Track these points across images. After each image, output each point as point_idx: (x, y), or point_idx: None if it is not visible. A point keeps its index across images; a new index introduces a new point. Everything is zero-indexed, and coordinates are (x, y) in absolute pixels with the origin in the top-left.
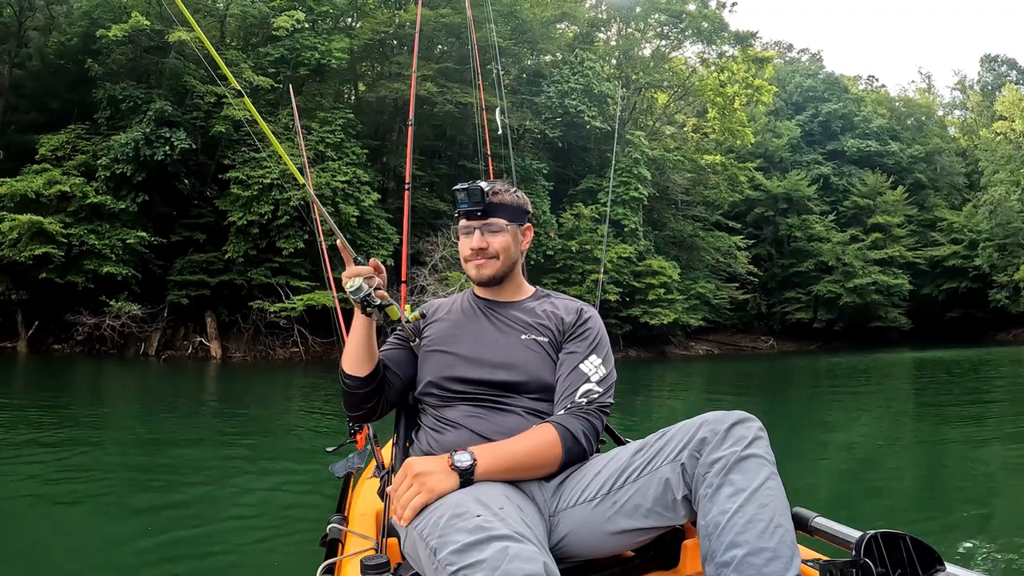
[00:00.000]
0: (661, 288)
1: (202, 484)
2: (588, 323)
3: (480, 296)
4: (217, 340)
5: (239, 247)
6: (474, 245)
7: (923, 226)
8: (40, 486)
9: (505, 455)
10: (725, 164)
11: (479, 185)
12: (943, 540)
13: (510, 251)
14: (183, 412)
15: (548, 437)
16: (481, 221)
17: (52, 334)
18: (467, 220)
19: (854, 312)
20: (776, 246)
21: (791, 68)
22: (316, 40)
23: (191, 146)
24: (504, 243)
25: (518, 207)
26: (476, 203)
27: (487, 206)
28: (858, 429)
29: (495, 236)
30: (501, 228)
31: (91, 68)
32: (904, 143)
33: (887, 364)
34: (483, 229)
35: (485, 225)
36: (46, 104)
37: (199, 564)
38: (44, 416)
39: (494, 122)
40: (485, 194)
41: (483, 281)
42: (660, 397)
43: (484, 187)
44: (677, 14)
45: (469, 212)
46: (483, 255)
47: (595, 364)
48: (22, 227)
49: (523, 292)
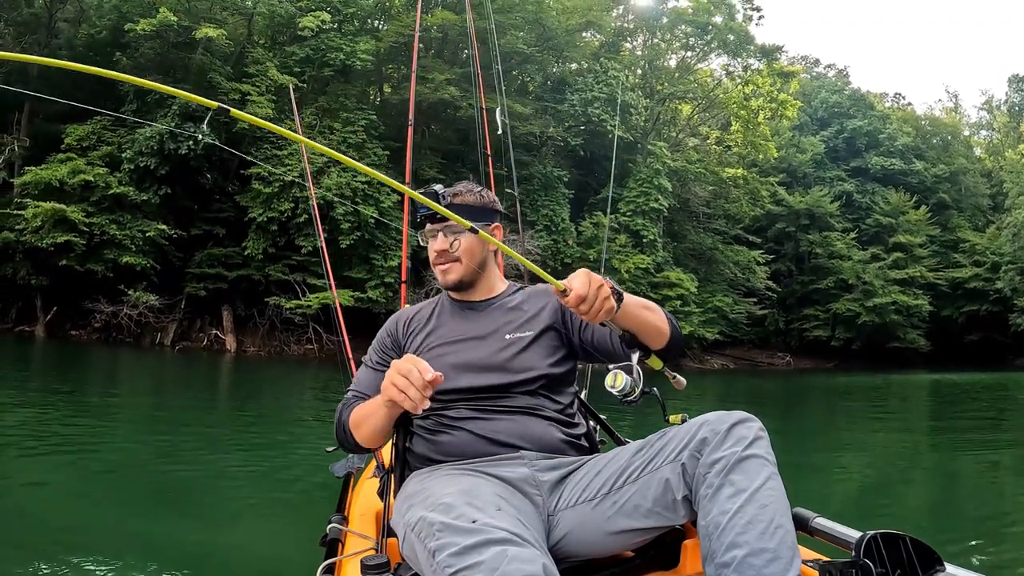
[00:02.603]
0: (678, 300)
1: (202, 483)
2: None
3: (456, 299)
4: (232, 333)
5: (258, 243)
6: (437, 247)
7: (945, 247)
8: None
9: (640, 300)
10: (747, 178)
11: (434, 188)
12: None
13: (474, 251)
14: (190, 404)
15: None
16: (442, 223)
17: (70, 320)
18: (430, 224)
19: (873, 331)
20: (796, 262)
21: (817, 83)
22: (342, 41)
23: (214, 141)
24: (467, 244)
25: (482, 207)
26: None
27: (446, 208)
28: (869, 451)
29: (457, 238)
30: (463, 229)
31: (119, 61)
32: (929, 162)
33: (904, 386)
34: (445, 231)
35: (447, 227)
36: (74, 94)
37: (199, 564)
38: (50, 398)
39: (494, 122)
40: (442, 196)
41: (450, 286)
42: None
43: (439, 189)
44: (703, 26)
45: (430, 215)
46: (447, 257)
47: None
48: (45, 214)
49: (497, 289)
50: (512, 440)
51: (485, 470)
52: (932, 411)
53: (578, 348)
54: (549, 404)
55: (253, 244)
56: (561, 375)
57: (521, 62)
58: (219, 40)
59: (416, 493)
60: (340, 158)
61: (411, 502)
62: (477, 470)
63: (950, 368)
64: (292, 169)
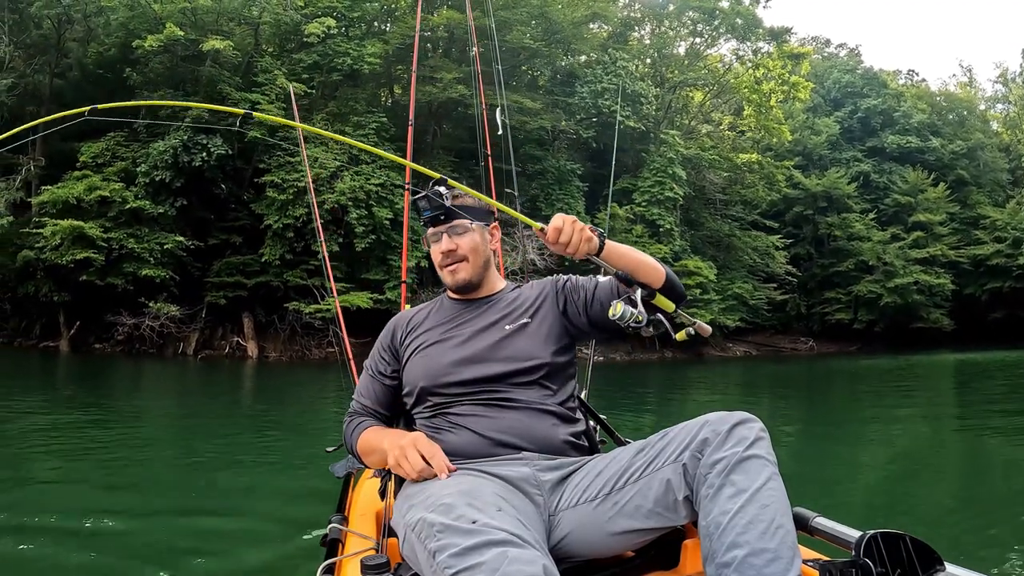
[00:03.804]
0: (697, 288)
1: (202, 482)
2: (569, 279)
3: (456, 298)
4: (254, 340)
5: (275, 250)
6: (443, 248)
7: (965, 224)
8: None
9: (627, 246)
10: (762, 163)
11: (437, 189)
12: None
13: (479, 250)
14: (207, 409)
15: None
16: (446, 224)
17: (93, 334)
18: (433, 226)
19: (895, 313)
20: (816, 245)
21: (829, 63)
22: (349, 46)
23: (227, 152)
24: (472, 243)
25: (481, 207)
26: (437, 207)
27: (449, 209)
28: (893, 439)
29: (462, 237)
30: (467, 228)
31: (129, 77)
32: (945, 139)
33: (927, 367)
34: (449, 232)
35: (451, 228)
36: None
37: (198, 564)
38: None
39: (494, 121)
40: (444, 197)
41: (459, 287)
42: (695, 399)
43: (443, 190)
44: (710, 11)
45: (433, 218)
46: (453, 257)
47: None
48: (64, 231)
49: (497, 288)
50: (514, 440)
51: (486, 470)
52: (955, 394)
53: (586, 327)
54: (552, 398)
55: (270, 251)
56: (562, 365)
57: (529, 57)
58: (226, 51)
59: (416, 493)
60: (338, 137)
61: (411, 502)
62: (478, 470)
63: (974, 347)
64: (304, 175)
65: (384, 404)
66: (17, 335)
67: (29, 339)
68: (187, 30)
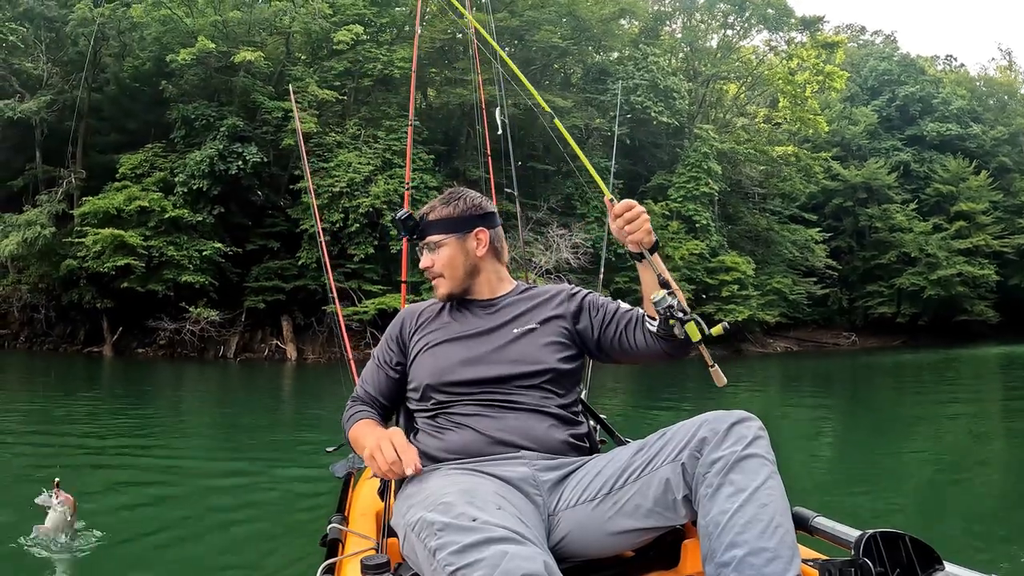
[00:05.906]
0: (735, 284)
1: (203, 482)
2: (589, 295)
3: (464, 299)
4: (293, 343)
5: (312, 254)
6: (422, 265)
7: (1010, 212)
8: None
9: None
10: (798, 155)
11: (401, 216)
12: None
13: (456, 263)
14: (229, 409)
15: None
16: (422, 242)
17: (136, 339)
18: (416, 246)
19: (939, 305)
20: (856, 238)
21: (864, 51)
22: (379, 51)
23: (263, 159)
24: (446, 257)
25: (459, 217)
26: (409, 229)
27: (420, 228)
28: (936, 439)
29: (436, 253)
30: (439, 243)
31: (165, 89)
32: (986, 125)
33: (971, 361)
34: (425, 249)
35: (426, 245)
36: (124, 125)
37: (198, 564)
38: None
39: (494, 121)
40: (410, 218)
41: (443, 300)
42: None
43: (403, 215)
44: (741, 2)
45: (410, 239)
46: (431, 274)
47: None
48: (105, 240)
49: (503, 288)
50: (514, 440)
51: (485, 469)
52: (1002, 390)
53: (593, 346)
54: (554, 401)
55: (307, 255)
56: (568, 371)
57: (559, 55)
58: (257, 62)
59: (416, 493)
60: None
61: (411, 502)
62: (477, 470)
63: (1021, 340)
64: (339, 180)
65: (386, 394)
66: (63, 341)
67: (74, 344)
68: (219, 42)
